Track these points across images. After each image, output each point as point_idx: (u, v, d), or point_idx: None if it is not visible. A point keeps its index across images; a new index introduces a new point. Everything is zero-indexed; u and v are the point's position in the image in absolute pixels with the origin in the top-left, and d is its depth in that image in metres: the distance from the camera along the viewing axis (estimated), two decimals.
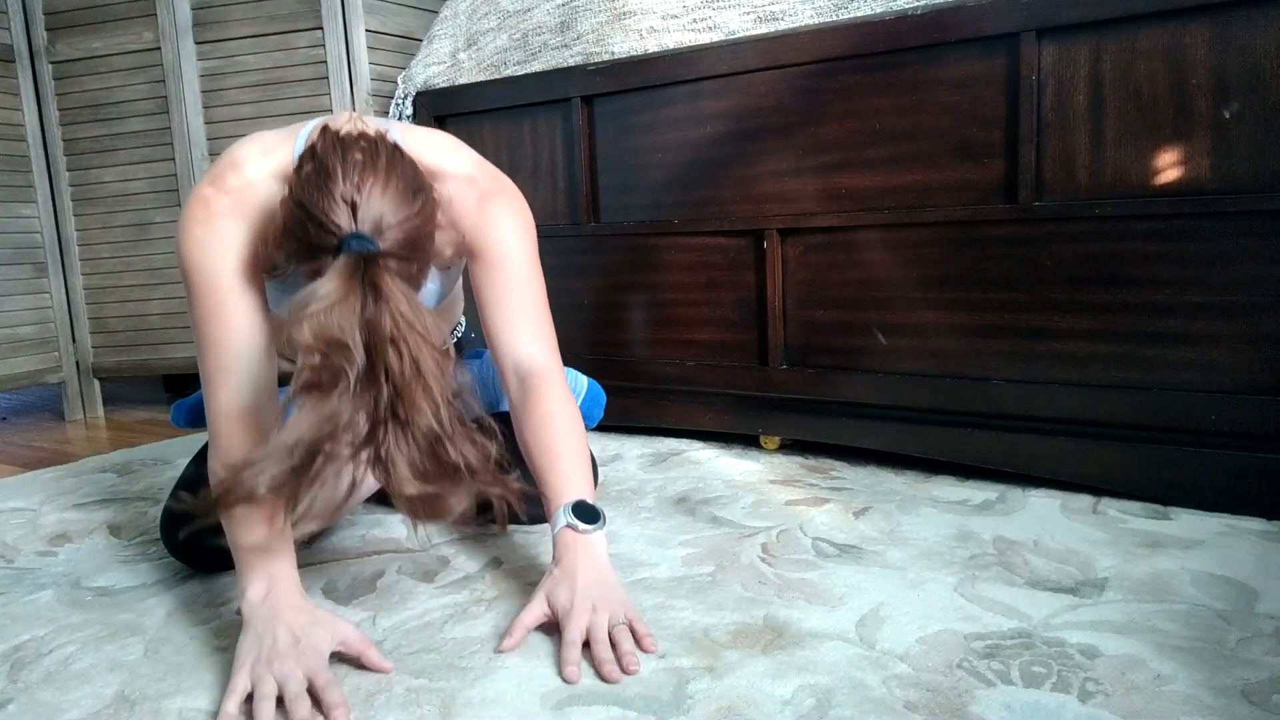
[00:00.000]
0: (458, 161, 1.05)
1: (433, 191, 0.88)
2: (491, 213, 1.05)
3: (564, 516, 0.94)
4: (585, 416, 1.28)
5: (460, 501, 0.78)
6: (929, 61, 1.30)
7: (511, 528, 1.20)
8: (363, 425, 0.74)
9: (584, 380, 1.29)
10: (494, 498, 0.80)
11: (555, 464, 0.99)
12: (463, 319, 1.43)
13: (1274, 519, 1.11)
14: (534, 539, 1.16)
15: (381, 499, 1.37)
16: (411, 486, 0.75)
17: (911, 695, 0.75)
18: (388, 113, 1.96)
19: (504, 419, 1.27)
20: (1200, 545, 1.04)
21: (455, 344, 1.39)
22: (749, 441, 1.60)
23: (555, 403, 1.02)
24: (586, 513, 0.94)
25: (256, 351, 0.92)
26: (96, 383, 2.31)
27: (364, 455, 0.75)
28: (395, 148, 0.85)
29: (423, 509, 0.78)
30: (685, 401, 1.63)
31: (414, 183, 0.84)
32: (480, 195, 1.05)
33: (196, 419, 1.15)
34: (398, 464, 0.75)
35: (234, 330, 0.91)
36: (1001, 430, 1.30)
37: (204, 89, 2.11)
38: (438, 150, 1.04)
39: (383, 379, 0.74)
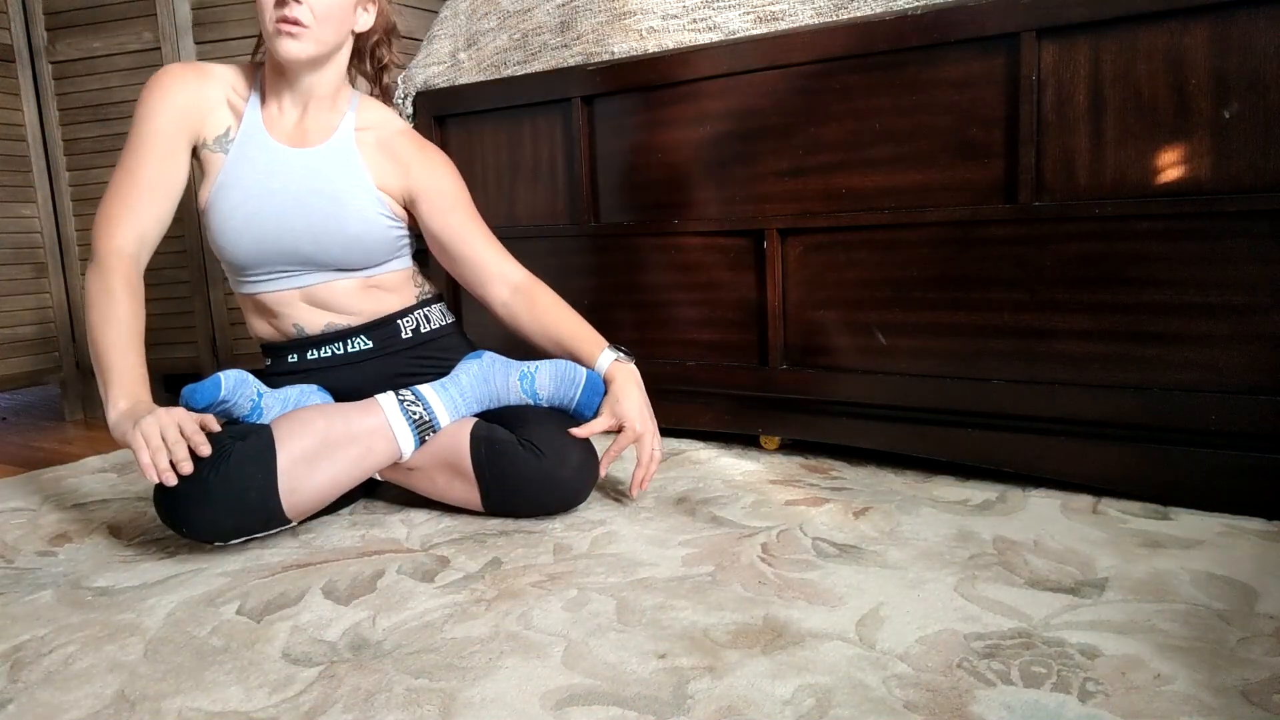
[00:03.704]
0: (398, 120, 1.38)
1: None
2: (433, 158, 1.36)
3: (611, 353, 1.30)
4: (584, 406, 1.29)
5: None
6: (929, 61, 1.30)
7: (513, 528, 1.21)
8: None
9: (582, 372, 1.30)
10: None
11: (578, 330, 1.32)
12: (446, 311, 1.43)
13: (1274, 519, 1.12)
14: (534, 538, 1.16)
15: (370, 492, 1.37)
16: None
17: (911, 695, 0.75)
18: None
19: (500, 417, 1.28)
20: (1200, 545, 1.04)
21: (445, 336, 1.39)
22: (749, 441, 1.60)
23: (552, 296, 1.36)
24: (626, 352, 1.30)
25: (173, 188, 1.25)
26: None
27: None
28: None
29: None
30: (685, 401, 1.63)
31: None
32: (420, 143, 1.36)
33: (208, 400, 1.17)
34: None
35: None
36: (1001, 430, 1.30)
37: None
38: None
39: None
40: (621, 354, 1.30)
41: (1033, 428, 1.28)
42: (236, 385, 1.19)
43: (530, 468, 1.20)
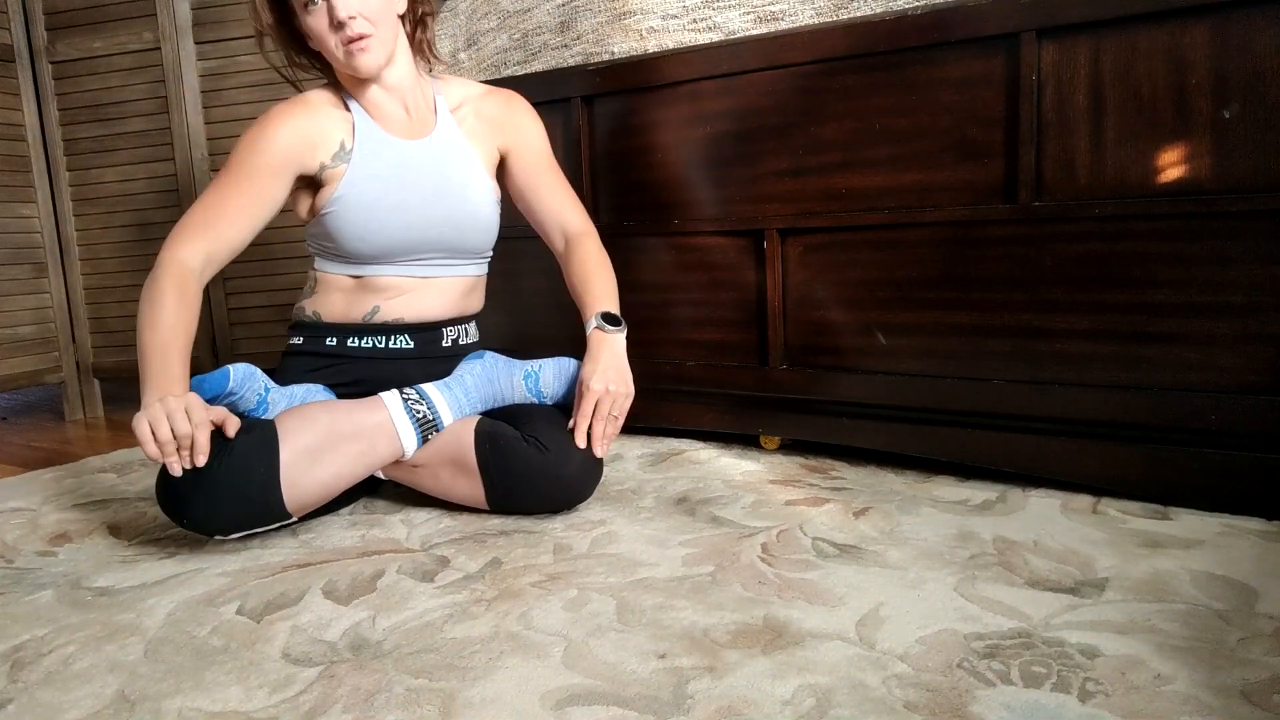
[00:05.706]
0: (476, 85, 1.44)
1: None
2: (519, 114, 1.42)
3: (594, 321, 1.29)
4: None
5: None
6: (929, 61, 1.30)
7: (513, 528, 1.21)
8: None
9: None
10: None
11: (591, 287, 1.33)
12: (477, 328, 1.45)
13: (1274, 519, 1.12)
14: (534, 538, 1.16)
15: (371, 492, 1.37)
16: None
17: (911, 695, 0.75)
18: None
19: (504, 414, 1.28)
20: (1200, 545, 1.04)
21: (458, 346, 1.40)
22: (749, 441, 1.60)
23: (594, 248, 1.39)
24: (612, 320, 1.29)
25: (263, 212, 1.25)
26: (96, 383, 2.31)
27: None
28: None
29: None
30: (685, 401, 1.63)
31: None
32: (504, 100, 1.42)
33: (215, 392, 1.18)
34: None
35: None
36: (1001, 430, 1.30)
37: (204, 89, 2.11)
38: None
39: None
40: (606, 324, 1.28)
41: (1033, 428, 1.28)
42: (244, 379, 1.19)
43: (534, 463, 1.20)
